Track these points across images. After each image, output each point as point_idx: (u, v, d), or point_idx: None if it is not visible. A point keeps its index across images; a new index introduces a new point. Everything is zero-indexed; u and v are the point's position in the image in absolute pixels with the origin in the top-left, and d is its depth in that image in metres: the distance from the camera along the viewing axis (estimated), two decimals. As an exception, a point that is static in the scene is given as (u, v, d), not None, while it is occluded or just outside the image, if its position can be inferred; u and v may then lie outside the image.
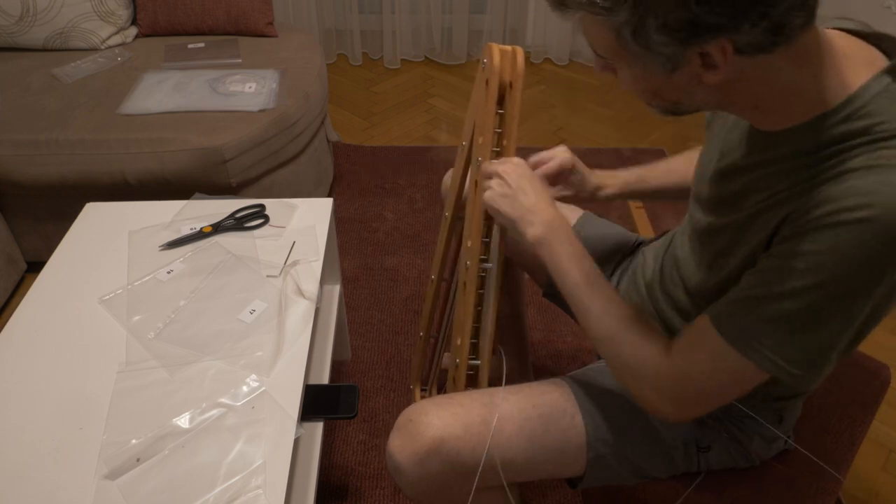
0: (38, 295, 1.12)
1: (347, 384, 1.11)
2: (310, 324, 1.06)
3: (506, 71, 0.91)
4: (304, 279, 1.15)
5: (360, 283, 1.89)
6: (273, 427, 0.91)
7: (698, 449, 0.94)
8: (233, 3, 2.05)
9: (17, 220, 1.80)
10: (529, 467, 0.91)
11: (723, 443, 0.94)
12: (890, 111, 0.63)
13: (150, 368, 0.98)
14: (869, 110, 0.64)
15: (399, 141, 2.55)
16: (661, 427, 0.93)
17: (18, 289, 1.86)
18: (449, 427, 0.86)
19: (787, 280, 0.66)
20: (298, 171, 1.89)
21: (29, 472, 0.85)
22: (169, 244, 1.20)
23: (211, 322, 1.06)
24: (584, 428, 0.91)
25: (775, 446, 0.97)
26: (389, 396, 1.58)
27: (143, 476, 0.85)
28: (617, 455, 0.92)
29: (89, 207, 1.31)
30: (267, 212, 1.28)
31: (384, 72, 3.04)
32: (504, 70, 0.91)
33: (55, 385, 0.96)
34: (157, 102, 1.74)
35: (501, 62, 0.91)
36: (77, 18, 1.97)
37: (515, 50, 0.91)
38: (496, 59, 0.90)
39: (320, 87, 1.95)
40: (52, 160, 1.63)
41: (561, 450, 0.91)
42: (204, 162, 1.64)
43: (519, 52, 0.91)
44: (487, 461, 0.87)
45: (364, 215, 2.15)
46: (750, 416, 0.92)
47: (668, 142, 2.53)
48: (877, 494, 1.40)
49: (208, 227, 1.24)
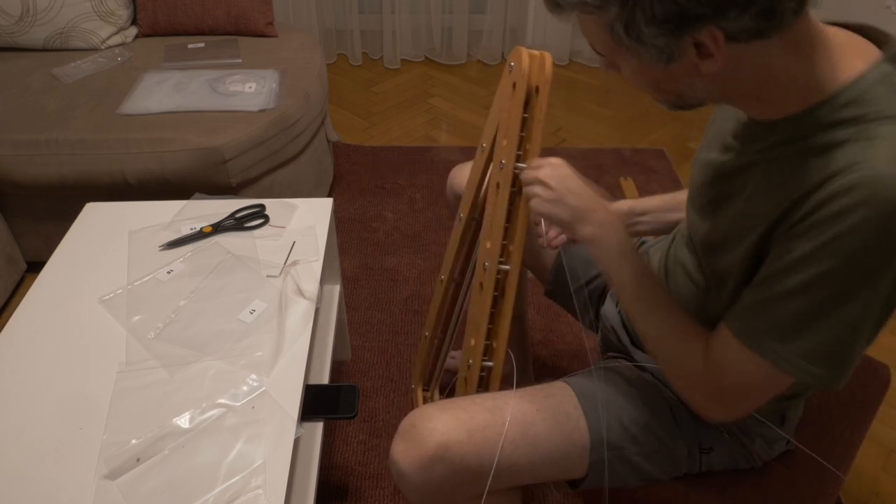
0: (38, 295, 1.12)
1: (347, 384, 1.10)
2: (310, 324, 1.06)
3: (534, 75, 0.92)
4: (304, 279, 1.14)
5: (360, 283, 1.89)
6: (273, 427, 0.91)
7: (700, 450, 0.94)
8: (233, 3, 2.05)
9: (17, 220, 1.80)
10: (533, 471, 0.91)
11: (725, 444, 0.94)
12: (887, 99, 0.64)
13: (150, 368, 0.98)
14: (867, 98, 0.64)
15: (399, 141, 2.55)
16: (663, 429, 0.93)
17: (18, 289, 1.86)
18: (453, 432, 0.85)
19: (790, 278, 0.67)
20: (298, 171, 1.89)
21: (29, 472, 0.85)
22: (169, 244, 1.20)
23: (211, 322, 1.06)
24: (588, 431, 0.90)
25: (777, 447, 0.97)
26: (389, 396, 1.58)
27: (143, 476, 0.85)
28: (620, 458, 0.92)
29: (89, 207, 1.31)
30: (267, 212, 1.28)
31: (384, 72, 3.04)
32: (532, 74, 0.91)
33: (55, 385, 0.96)
34: (157, 102, 1.75)
35: (530, 66, 0.91)
36: (77, 18, 1.97)
37: (544, 55, 0.92)
38: (525, 63, 0.91)
39: (320, 87, 1.95)
40: (52, 160, 1.63)
41: (564, 453, 0.90)
42: (204, 162, 1.64)
43: (547, 58, 0.92)
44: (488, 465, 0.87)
45: (364, 215, 2.15)
46: (752, 417, 0.92)
47: (669, 142, 2.53)
48: (877, 494, 1.40)
49: (208, 227, 1.24)
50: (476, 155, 1.08)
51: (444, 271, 1.23)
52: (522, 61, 0.91)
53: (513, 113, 0.93)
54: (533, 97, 0.93)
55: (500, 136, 0.97)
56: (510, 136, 0.94)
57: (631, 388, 0.95)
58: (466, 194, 1.13)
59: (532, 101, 0.93)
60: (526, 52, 0.92)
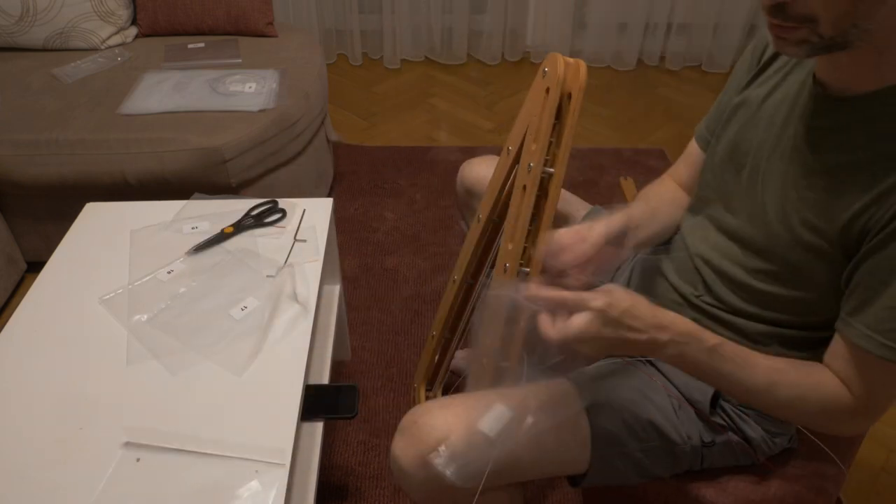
0: (38, 295, 1.12)
1: (347, 384, 1.11)
2: (305, 323, 1.06)
3: (568, 81, 0.92)
4: (304, 279, 1.14)
5: (360, 283, 1.89)
6: (273, 426, 0.91)
7: (703, 444, 0.94)
8: (233, 3, 2.05)
9: (17, 220, 1.80)
10: (533, 466, 0.91)
11: (726, 439, 0.94)
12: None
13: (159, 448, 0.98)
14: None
15: (399, 141, 2.55)
16: (666, 425, 0.93)
17: (18, 289, 1.86)
18: (453, 428, 0.86)
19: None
20: (298, 171, 1.89)
21: (29, 472, 0.85)
22: (195, 248, 1.19)
23: (202, 315, 1.06)
24: (589, 426, 0.91)
25: (779, 442, 0.97)
26: (389, 396, 1.58)
27: (143, 477, 0.85)
28: (621, 454, 0.92)
29: (89, 207, 1.31)
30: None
31: (384, 72, 3.04)
32: (567, 81, 0.92)
33: (55, 385, 0.96)
34: (157, 102, 1.74)
35: (565, 72, 0.92)
36: (77, 18, 1.97)
37: (579, 62, 0.93)
38: (560, 69, 0.91)
39: (320, 87, 1.95)
40: (52, 160, 1.63)
41: (565, 448, 0.91)
42: (204, 162, 1.64)
43: (582, 66, 0.92)
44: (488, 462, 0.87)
45: (364, 215, 2.15)
46: (755, 410, 0.93)
47: (669, 142, 2.53)
48: (877, 494, 1.40)
49: (229, 228, 1.24)
50: (501, 157, 1.09)
51: (457, 271, 1.23)
52: (558, 67, 0.91)
53: (545, 117, 0.94)
54: (565, 103, 0.93)
55: (530, 140, 0.97)
56: (540, 139, 0.94)
57: (632, 383, 0.95)
58: (488, 196, 1.13)
59: (564, 108, 0.94)
60: (562, 58, 0.92)
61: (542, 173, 0.95)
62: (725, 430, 0.94)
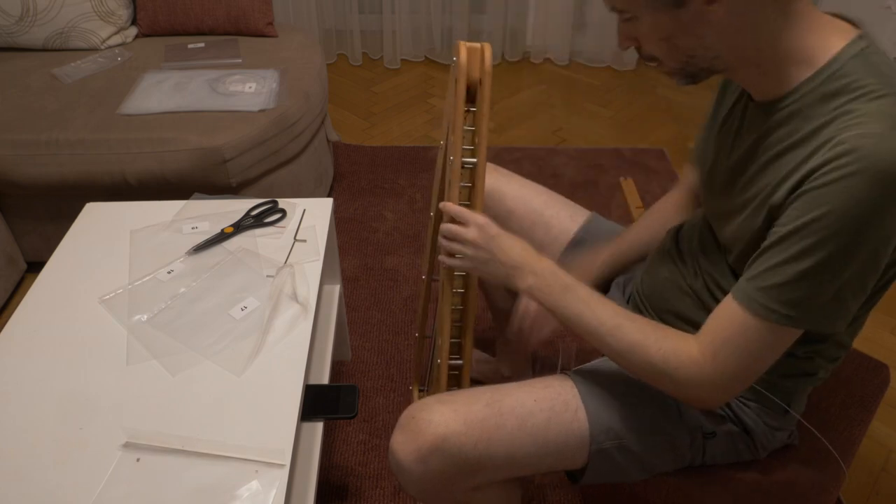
0: (38, 295, 1.12)
1: (347, 384, 1.11)
2: (305, 323, 1.06)
3: (474, 68, 0.92)
4: (303, 279, 1.15)
5: (360, 283, 1.89)
6: (273, 426, 0.91)
7: (704, 435, 0.94)
8: (233, 3, 2.05)
9: (17, 220, 1.80)
10: (531, 461, 0.91)
11: (727, 430, 0.94)
12: (861, 71, 0.71)
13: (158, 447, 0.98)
14: (845, 71, 0.72)
15: (399, 141, 2.55)
16: (665, 417, 0.93)
17: (18, 289, 1.86)
18: (451, 424, 0.86)
19: (796, 243, 0.71)
20: (298, 171, 1.89)
21: (29, 472, 0.85)
22: (195, 248, 1.19)
23: (201, 315, 1.07)
24: (587, 421, 0.91)
25: (780, 436, 0.97)
26: (389, 396, 1.58)
27: (143, 477, 0.85)
28: (621, 448, 0.92)
29: (89, 207, 1.31)
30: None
31: (384, 72, 3.04)
32: (472, 67, 0.92)
33: (55, 385, 0.96)
34: (157, 102, 1.75)
35: (469, 59, 0.91)
36: (77, 18, 1.97)
37: (483, 46, 0.92)
38: (463, 57, 0.91)
39: (320, 87, 1.95)
40: (52, 160, 1.63)
41: (564, 443, 0.91)
42: (204, 162, 1.64)
43: (487, 49, 0.91)
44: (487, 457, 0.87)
45: (364, 215, 2.15)
46: (756, 402, 0.93)
47: (669, 142, 2.53)
48: (877, 494, 1.40)
49: (229, 228, 1.24)
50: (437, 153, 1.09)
51: (423, 269, 1.24)
52: (461, 55, 0.91)
53: (456, 108, 0.94)
54: (478, 90, 0.93)
55: (450, 133, 0.98)
56: (456, 131, 0.95)
57: (631, 378, 0.95)
58: (434, 192, 1.14)
59: (477, 95, 0.94)
60: (465, 45, 0.91)
61: (464, 164, 0.95)
62: (725, 421, 0.94)
